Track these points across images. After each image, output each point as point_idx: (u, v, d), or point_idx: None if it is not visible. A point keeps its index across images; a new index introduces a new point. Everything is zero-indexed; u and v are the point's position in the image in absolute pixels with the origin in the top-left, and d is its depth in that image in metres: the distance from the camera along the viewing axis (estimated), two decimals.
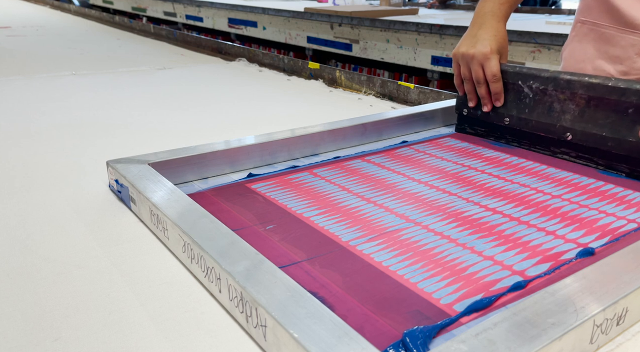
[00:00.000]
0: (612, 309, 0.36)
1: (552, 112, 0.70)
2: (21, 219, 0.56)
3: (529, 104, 0.72)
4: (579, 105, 0.67)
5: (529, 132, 0.73)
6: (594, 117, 0.65)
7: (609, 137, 0.64)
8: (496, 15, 0.76)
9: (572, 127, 0.67)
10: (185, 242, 0.46)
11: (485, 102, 0.75)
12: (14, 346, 0.37)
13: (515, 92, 0.74)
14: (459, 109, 0.81)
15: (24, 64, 1.48)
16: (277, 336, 0.34)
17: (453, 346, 0.32)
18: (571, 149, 0.68)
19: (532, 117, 0.72)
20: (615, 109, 0.63)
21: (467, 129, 0.81)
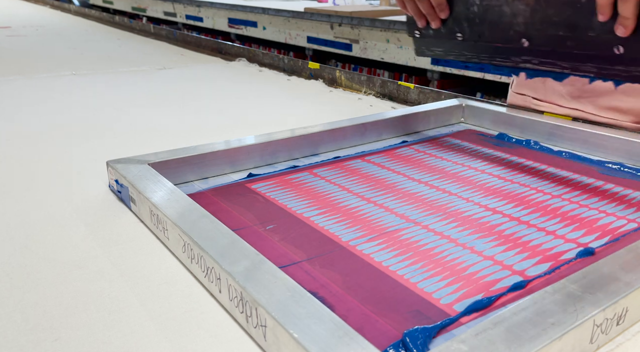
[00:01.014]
0: (612, 309, 0.36)
1: (503, 18, 0.61)
2: (21, 219, 0.56)
3: (478, 13, 0.64)
4: (528, 4, 0.58)
5: (484, 44, 0.65)
6: (546, 15, 0.57)
7: (567, 36, 0.56)
8: None
9: (526, 31, 0.59)
10: (185, 242, 0.46)
11: (432, 17, 0.69)
12: (14, 346, 0.37)
13: (461, 1, 0.66)
14: (410, 31, 0.74)
15: (24, 64, 1.49)
16: (277, 336, 0.34)
17: (453, 345, 0.32)
18: (532, 56, 0.61)
19: (483, 28, 0.64)
20: (565, 1, 0.55)
21: (426, 52, 0.74)
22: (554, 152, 0.75)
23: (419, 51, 0.76)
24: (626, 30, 0.51)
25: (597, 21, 0.53)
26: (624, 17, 0.50)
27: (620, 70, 0.54)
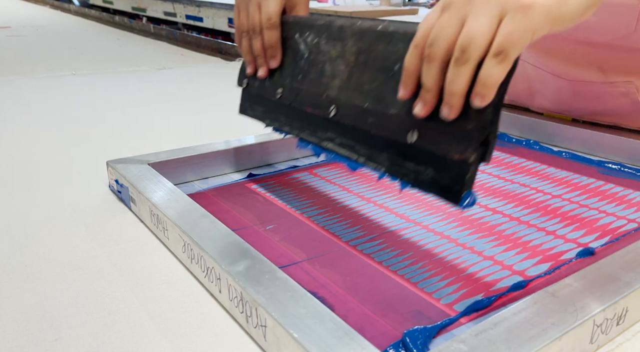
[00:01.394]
0: (612, 309, 0.36)
1: (322, 78, 0.50)
2: (21, 219, 0.56)
3: (303, 68, 0.52)
4: (348, 64, 0.47)
5: (297, 109, 0.53)
6: (361, 80, 0.45)
7: (371, 110, 0.44)
8: None
9: (338, 97, 0.48)
10: (185, 242, 0.46)
11: (260, 61, 0.56)
12: (14, 346, 0.37)
13: (293, 52, 0.54)
14: (240, 81, 0.61)
15: (24, 64, 1.48)
16: (277, 336, 0.34)
17: (453, 345, 0.32)
18: (336, 133, 0.48)
19: (303, 86, 0.52)
20: (382, 65, 0.43)
21: (248, 110, 0.60)
22: (554, 152, 0.75)
23: (242, 108, 0.62)
24: (424, 108, 0.37)
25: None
26: (425, 88, 0.36)
27: (409, 168, 0.41)
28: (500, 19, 0.32)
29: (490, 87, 0.33)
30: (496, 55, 0.32)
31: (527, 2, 0.31)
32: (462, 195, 0.36)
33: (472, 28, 0.32)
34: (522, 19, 0.31)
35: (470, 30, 0.32)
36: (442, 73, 0.35)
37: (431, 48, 0.34)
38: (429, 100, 0.36)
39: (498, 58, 0.32)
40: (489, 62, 0.32)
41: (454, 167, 0.37)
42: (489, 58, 0.32)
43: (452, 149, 0.36)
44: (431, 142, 0.38)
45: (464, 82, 0.33)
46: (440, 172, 0.38)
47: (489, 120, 0.35)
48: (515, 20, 0.31)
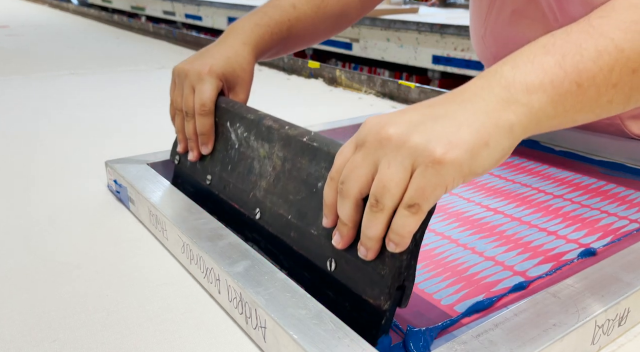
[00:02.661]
0: (614, 309, 0.36)
1: (250, 175, 0.48)
2: (20, 218, 0.56)
3: (233, 158, 0.50)
4: (275, 167, 0.45)
5: (225, 200, 0.51)
6: (286, 188, 0.43)
7: (294, 224, 0.42)
8: (243, 34, 0.57)
9: (264, 200, 0.46)
10: (184, 243, 0.46)
11: (192, 145, 0.54)
12: (12, 347, 0.37)
13: (224, 139, 0.52)
14: (172, 156, 0.59)
15: (22, 64, 1.48)
16: (277, 337, 0.34)
17: (454, 347, 0.32)
18: (261, 236, 0.46)
19: (231, 179, 0.50)
20: (306, 179, 0.41)
21: (179, 187, 0.56)
22: (556, 152, 0.75)
23: (174, 181, 0.60)
24: (341, 241, 0.35)
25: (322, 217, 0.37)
26: (341, 222, 0.35)
27: (330, 296, 0.38)
28: (412, 170, 0.31)
29: (404, 236, 0.32)
30: (409, 207, 0.31)
31: (439, 157, 0.30)
32: (377, 339, 0.35)
33: (385, 176, 0.31)
34: (433, 174, 0.30)
35: (383, 179, 0.31)
36: (356, 209, 0.34)
37: (344, 185, 0.33)
38: (345, 234, 0.35)
39: (411, 210, 0.31)
40: (402, 211, 0.31)
41: (369, 310, 0.35)
42: (402, 208, 0.31)
43: (367, 291, 0.35)
44: (348, 277, 0.36)
45: (380, 229, 0.32)
46: (357, 309, 0.36)
47: (404, 266, 0.33)
48: (427, 175, 0.30)
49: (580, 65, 0.33)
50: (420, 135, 0.31)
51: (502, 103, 0.32)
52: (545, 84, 0.33)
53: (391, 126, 0.32)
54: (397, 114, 0.33)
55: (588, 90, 0.34)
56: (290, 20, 0.61)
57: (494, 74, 0.34)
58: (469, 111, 0.32)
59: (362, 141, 0.33)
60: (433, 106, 0.33)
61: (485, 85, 0.33)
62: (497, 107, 0.32)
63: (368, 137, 0.32)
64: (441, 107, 0.33)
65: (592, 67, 0.34)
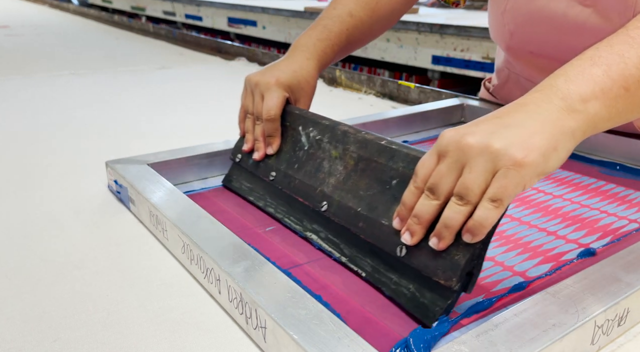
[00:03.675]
0: (614, 309, 0.36)
1: (319, 173, 0.52)
2: (20, 219, 0.56)
3: (301, 158, 0.55)
4: (347, 166, 0.50)
5: (288, 194, 0.55)
6: (357, 185, 0.48)
7: (363, 215, 0.45)
8: (308, 51, 0.63)
9: (332, 195, 0.49)
10: (185, 243, 0.46)
11: (259, 145, 0.59)
12: (13, 347, 0.37)
13: (293, 141, 0.57)
14: (234, 155, 0.63)
15: (22, 64, 1.48)
16: (277, 337, 0.34)
17: (454, 347, 0.32)
18: (322, 227, 0.50)
19: (297, 176, 0.54)
20: (380, 177, 0.46)
21: (233, 183, 0.62)
22: None
23: (227, 179, 0.64)
24: (412, 238, 0.39)
25: (396, 206, 0.42)
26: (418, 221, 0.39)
27: (391, 279, 0.42)
28: (494, 172, 0.36)
29: (485, 227, 0.36)
30: (492, 201, 0.36)
31: (519, 160, 0.35)
32: (437, 317, 0.38)
33: (468, 179, 0.36)
34: (515, 175, 0.35)
35: (466, 181, 0.36)
36: (438, 211, 0.38)
37: (432, 191, 0.38)
38: (418, 232, 0.39)
39: (494, 203, 0.36)
40: (486, 204, 0.36)
41: (437, 290, 0.39)
42: (485, 201, 0.36)
43: (439, 273, 0.38)
44: (418, 261, 0.40)
45: (461, 220, 0.37)
46: (421, 291, 0.40)
47: (476, 255, 0.37)
48: (509, 175, 0.35)
49: (626, 72, 0.40)
50: (499, 141, 0.36)
51: (563, 112, 0.38)
52: (596, 92, 0.39)
53: (469, 136, 0.37)
54: (471, 126, 0.38)
55: (636, 92, 0.40)
56: (348, 29, 0.67)
57: (549, 87, 0.39)
58: (536, 121, 0.37)
59: (444, 152, 0.38)
60: (501, 117, 0.38)
61: (545, 97, 0.39)
62: (559, 116, 0.37)
63: (449, 148, 0.37)
64: (509, 118, 0.38)
65: (636, 73, 0.40)
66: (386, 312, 0.40)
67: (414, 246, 0.40)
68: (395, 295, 0.41)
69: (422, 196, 0.39)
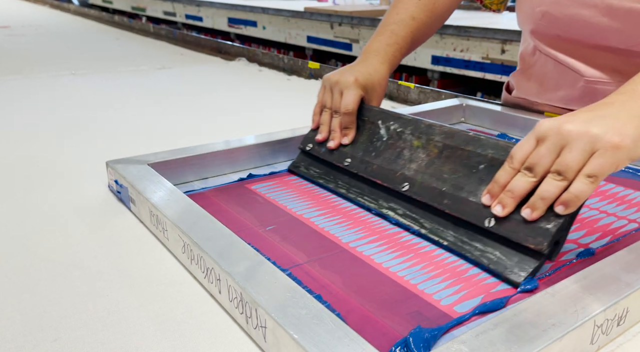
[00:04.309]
0: (613, 309, 0.36)
1: (399, 159, 0.57)
2: (21, 219, 0.56)
3: (379, 147, 0.60)
4: (429, 154, 0.55)
5: (365, 178, 0.59)
6: (440, 169, 0.53)
7: (448, 193, 0.50)
8: (380, 55, 0.69)
9: (414, 177, 0.54)
10: (185, 243, 0.46)
11: (334, 136, 0.65)
12: (13, 347, 0.37)
13: (371, 133, 0.63)
14: (303, 144, 0.69)
15: (23, 64, 1.48)
16: (277, 337, 0.34)
17: (454, 346, 0.32)
18: (400, 206, 0.55)
19: (375, 162, 0.59)
20: (466, 162, 0.51)
21: (302, 169, 0.67)
22: None
23: (294, 165, 0.69)
24: (504, 210, 0.45)
25: (484, 187, 0.48)
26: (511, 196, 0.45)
27: (475, 247, 0.47)
28: (592, 153, 0.41)
29: (579, 200, 0.42)
30: (589, 177, 0.41)
31: (616, 143, 0.41)
32: (524, 279, 0.43)
33: (567, 159, 0.42)
34: (611, 155, 0.41)
35: (566, 160, 0.42)
36: (532, 187, 0.44)
37: (531, 170, 0.44)
38: (510, 205, 0.45)
39: (590, 179, 0.41)
40: (583, 179, 0.41)
41: (525, 254, 0.44)
42: (582, 176, 0.41)
43: (529, 239, 0.43)
44: (507, 230, 0.45)
45: (556, 193, 0.42)
46: (508, 256, 0.45)
47: (565, 225, 0.43)
48: (606, 156, 0.41)
49: None
50: (597, 128, 0.42)
51: None
52: None
53: (568, 123, 0.43)
54: (567, 116, 0.44)
55: None
56: (412, 32, 0.73)
57: (632, 91, 0.46)
58: (625, 115, 0.43)
59: (543, 136, 0.43)
60: (593, 110, 0.44)
61: (628, 97, 0.45)
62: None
63: (549, 133, 0.43)
64: (601, 111, 0.44)
65: None
66: (386, 312, 0.40)
67: (503, 218, 0.45)
68: (480, 260, 0.46)
69: (517, 174, 0.44)
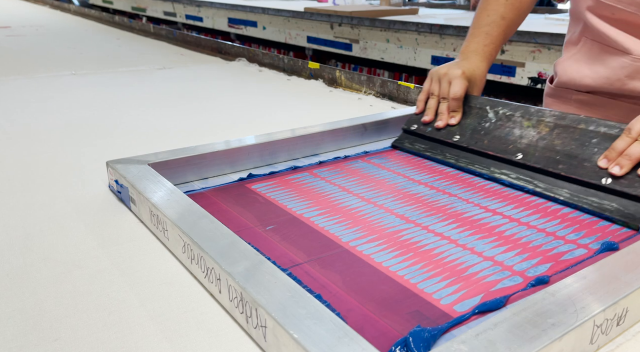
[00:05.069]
0: (613, 309, 0.36)
1: (509, 136, 0.66)
2: (21, 219, 0.56)
3: (487, 128, 0.69)
4: (540, 132, 0.64)
5: (474, 150, 0.68)
6: (552, 143, 0.62)
7: (562, 160, 0.59)
8: (479, 54, 0.79)
9: (526, 149, 0.63)
10: (185, 243, 0.46)
11: (442, 117, 0.75)
12: (14, 346, 0.37)
13: (478, 116, 0.72)
14: (408, 125, 0.78)
15: (23, 64, 1.48)
16: (277, 336, 0.34)
17: (453, 346, 0.32)
18: (512, 171, 0.63)
19: (485, 138, 0.68)
20: (577, 138, 0.60)
21: (406, 144, 0.76)
22: None
23: (399, 142, 0.77)
24: (621, 171, 0.55)
25: (597, 156, 0.57)
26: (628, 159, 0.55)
27: (591, 200, 0.56)
28: None
29: None
30: None
31: None
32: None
33: None
34: None
35: None
36: None
37: None
38: (627, 166, 0.55)
39: None
40: None
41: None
42: None
43: None
44: (623, 186, 0.54)
45: None
46: (625, 205, 0.54)
47: None
48: None
49: None
50: None
51: None
52: None
53: None
54: None
55: None
56: (504, 31, 0.81)
57: None
58: None
59: None
60: None
61: None
62: None
63: None
64: None
65: None
66: (386, 311, 0.40)
67: (619, 177, 0.54)
68: (598, 210, 0.54)
69: (634, 143, 0.54)
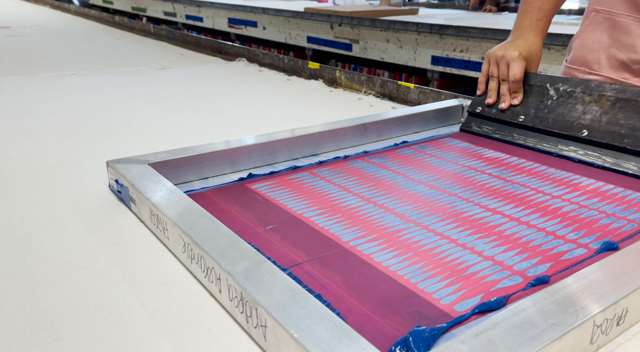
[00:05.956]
0: (612, 309, 0.36)
1: (572, 112, 0.70)
2: (21, 219, 0.56)
3: (550, 105, 0.73)
4: (603, 107, 0.67)
5: (541, 129, 0.73)
6: (616, 117, 0.66)
7: (627, 134, 0.64)
8: (533, 30, 0.82)
9: (591, 125, 0.67)
10: (185, 243, 0.46)
11: (505, 99, 0.79)
12: (14, 346, 0.37)
13: (539, 94, 0.76)
14: (472, 108, 0.83)
15: (23, 64, 1.48)
16: (277, 336, 0.34)
17: (453, 346, 0.32)
18: (579, 147, 0.68)
19: (550, 116, 0.72)
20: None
21: (474, 127, 0.82)
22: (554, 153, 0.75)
23: (467, 125, 0.83)
24: None
25: None
26: None
27: None
28: None
29: None
30: None
31: None
32: None
33: None
34: None
35: None
36: None
37: None
38: None
39: None
40: None
41: None
42: None
43: None
44: None
45: None
46: None
47: None
48: None
49: None
50: None
51: None
52: None
53: None
54: None
55: None
56: (555, 4, 0.84)
57: None
58: None
59: None
60: None
61: None
62: None
63: None
64: None
65: None
66: (386, 311, 0.40)
67: None
68: None
69: None
